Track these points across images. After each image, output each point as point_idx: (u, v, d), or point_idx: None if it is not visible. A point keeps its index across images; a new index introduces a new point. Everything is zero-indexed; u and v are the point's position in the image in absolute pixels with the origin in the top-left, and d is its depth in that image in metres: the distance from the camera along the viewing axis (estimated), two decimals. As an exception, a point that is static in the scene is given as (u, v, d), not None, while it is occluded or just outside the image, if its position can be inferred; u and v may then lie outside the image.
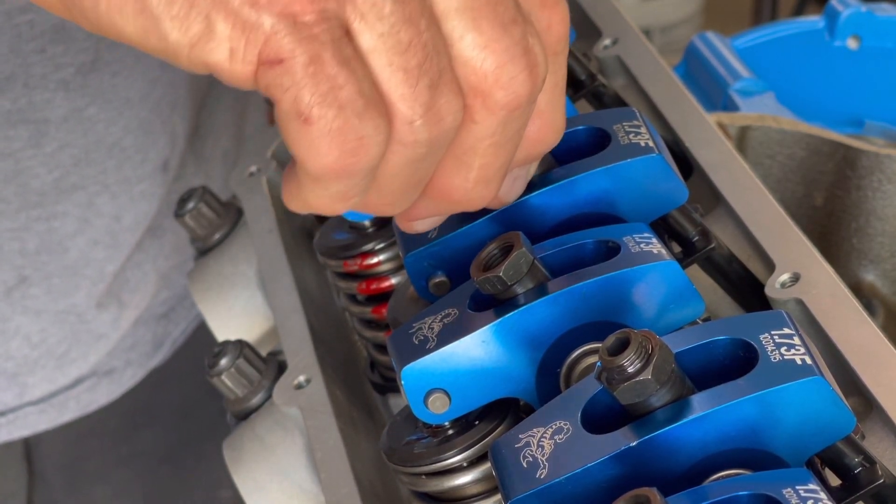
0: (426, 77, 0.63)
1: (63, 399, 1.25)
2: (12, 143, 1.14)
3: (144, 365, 1.28)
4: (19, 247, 1.18)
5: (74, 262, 1.21)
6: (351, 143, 0.62)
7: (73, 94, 1.16)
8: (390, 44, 0.62)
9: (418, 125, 0.63)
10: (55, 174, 1.17)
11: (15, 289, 1.19)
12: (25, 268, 1.18)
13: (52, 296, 1.21)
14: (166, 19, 0.63)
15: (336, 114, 0.62)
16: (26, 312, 1.20)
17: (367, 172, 0.64)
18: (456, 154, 0.67)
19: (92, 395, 1.26)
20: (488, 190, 0.69)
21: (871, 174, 1.11)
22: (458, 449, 0.71)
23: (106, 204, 1.20)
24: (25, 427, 1.24)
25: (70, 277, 1.21)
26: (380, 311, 0.90)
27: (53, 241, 1.19)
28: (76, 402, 1.25)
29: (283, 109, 0.62)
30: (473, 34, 0.64)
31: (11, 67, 1.12)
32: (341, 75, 0.61)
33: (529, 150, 0.71)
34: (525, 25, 0.65)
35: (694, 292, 0.70)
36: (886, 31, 1.30)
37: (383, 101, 0.63)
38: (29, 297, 1.20)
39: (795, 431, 0.62)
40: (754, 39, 1.33)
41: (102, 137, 1.19)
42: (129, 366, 1.28)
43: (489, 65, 0.64)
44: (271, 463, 0.88)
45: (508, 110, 0.65)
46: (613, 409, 0.64)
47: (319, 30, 0.61)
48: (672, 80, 0.91)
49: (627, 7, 2.28)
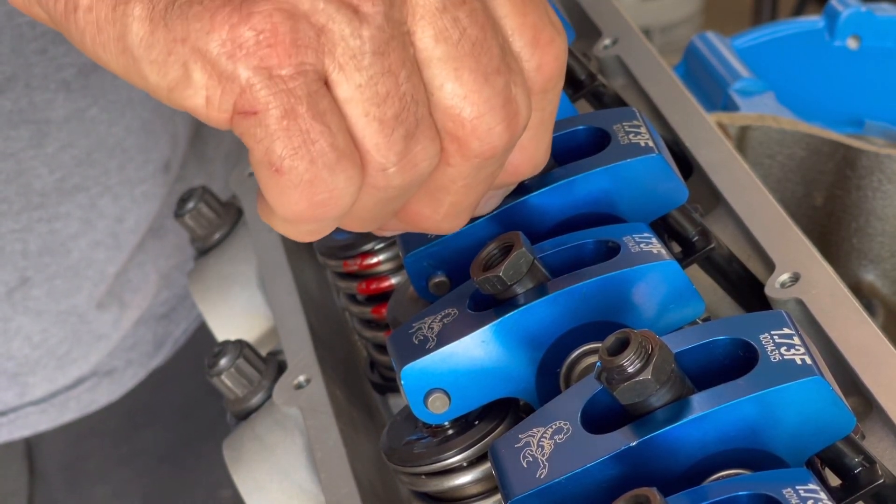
0: (402, 127, 0.63)
1: (64, 399, 1.25)
2: (14, 144, 1.15)
3: (145, 365, 1.28)
4: (21, 248, 1.18)
5: (76, 263, 1.21)
6: (321, 196, 0.63)
7: (74, 94, 1.16)
8: (367, 95, 0.62)
9: (391, 172, 0.64)
10: (57, 175, 1.17)
11: (16, 290, 1.19)
12: (27, 269, 1.19)
13: (54, 296, 1.21)
14: (145, 62, 0.63)
15: (307, 167, 0.62)
16: (27, 313, 1.20)
17: (337, 218, 0.65)
18: (429, 189, 0.68)
19: (93, 395, 1.26)
20: (457, 221, 0.70)
21: (871, 174, 1.11)
22: (457, 449, 0.71)
23: (108, 205, 1.21)
24: (26, 427, 1.24)
25: (72, 278, 1.21)
26: (380, 311, 0.90)
27: (56, 243, 1.19)
28: (77, 402, 1.25)
29: (256, 157, 0.62)
30: (454, 84, 0.64)
31: (13, 68, 1.12)
32: (314, 129, 0.61)
33: (504, 179, 0.71)
34: (509, 75, 0.65)
35: (694, 292, 0.70)
36: (886, 31, 1.30)
37: (358, 150, 0.63)
38: (30, 298, 1.20)
39: (795, 431, 0.62)
40: (754, 39, 1.33)
41: (104, 138, 1.19)
42: (130, 366, 1.28)
43: (467, 114, 0.64)
44: (271, 463, 0.88)
45: (483, 158, 0.66)
46: (613, 409, 0.64)
47: (295, 84, 0.61)
48: (672, 80, 0.91)
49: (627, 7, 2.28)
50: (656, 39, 2.85)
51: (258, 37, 0.61)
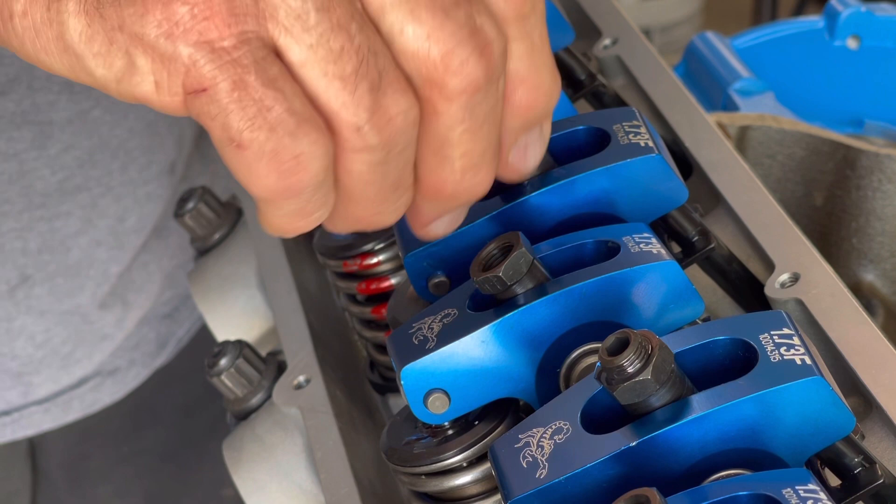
0: (365, 81, 0.61)
1: (67, 399, 1.25)
2: (17, 145, 1.15)
3: (149, 365, 1.28)
4: (21, 246, 1.18)
5: (77, 262, 1.21)
6: (287, 164, 0.61)
7: (77, 96, 1.16)
8: (321, 54, 0.61)
9: (366, 130, 0.62)
10: (59, 176, 1.17)
11: (18, 288, 1.19)
12: (27, 267, 1.19)
13: (56, 296, 1.21)
14: (89, 56, 0.62)
15: (267, 136, 0.61)
16: (30, 312, 1.20)
17: (315, 188, 0.63)
18: (433, 149, 0.66)
19: (96, 394, 1.26)
20: (481, 175, 0.67)
21: (871, 174, 1.11)
22: (457, 449, 0.71)
23: (109, 205, 1.20)
24: (30, 426, 1.24)
25: (73, 278, 1.21)
26: (380, 311, 0.90)
27: (55, 241, 1.19)
28: (80, 402, 1.25)
29: (216, 137, 0.61)
30: (413, 25, 0.62)
31: (16, 70, 1.12)
32: (268, 97, 0.60)
33: (525, 117, 0.68)
34: (469, 6, 0.63)
35: (693, 292, 0.70)
36: (886, 31, 1.30)
37: (321, 114, 0.62)
38: (33, 297, 1.20)
39: (795, 431, 0.62)
40: (754, 39, 1.33)
41: (107, 140, 1.19)
42: (134, 365, 1.28)
43: (436, 53, 0.62)
44: (271, 463, 0.88)
45: (468, 95, 0.64)
46: (613, 409, 0.64)
47: (240, 53, 0.60)
48: (672, 80, 0.91)
49: (627, 7, 2.28)
50: (656, 39, 2.85)
51: (193, 11, 0.60)
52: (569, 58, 0.91)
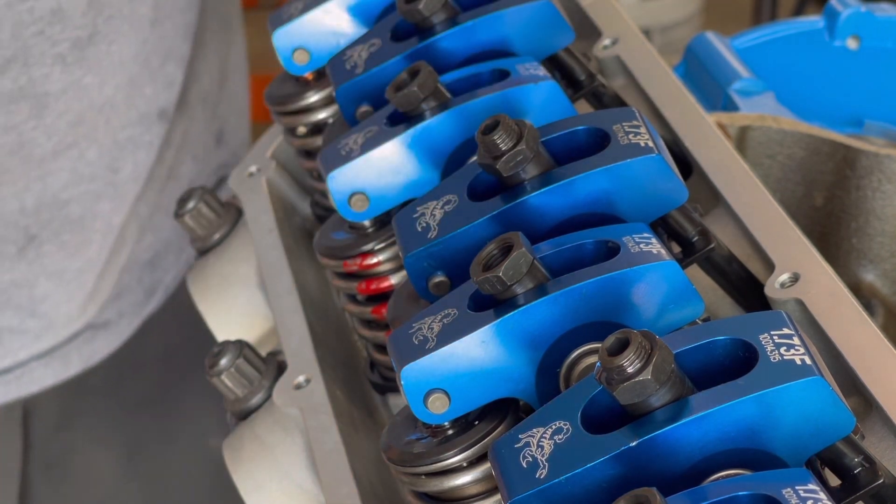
0: None
1: (66, 352, 1.29)
2: (14, 118, 1.19)
3: (139, 314, 1.33)
4: (19, 206, 1.22)
5: (80, 217, 1.25)
6: None
7: (70, 66, 1.20)
8: None
9: None
10: (53, 140, 1.21)
11: (27, 248, 1.23)
12: (31, 226, 1.23)
13: (66, 251, 1.25)
14: None
15: None
16: (43, 271, 1.25)
17: None
18: None
19: (92, 346, 1.30)
20: None
21: (870, 174, 1.11)
22: (457, 449, 0.71)
23: (97, 157, 1.24)
24: (32, 382, 1.28)
25: (79, 232, 1.25)
26: (380, 311, 0.90)
27: (48, 197, 1.23)
28: (79, 355, 1.29)
29: None
30: None
31: (12, 51, 1.16)
32: None
33: None
34: None
35: (693, 292, 0.70)
36: (886, 31, 1.30)
37: None
38: (45, 255, 1.24)
39: (795, 431, 0.62)
40: (754, 39, 1.33)
41: (95, 99, 1.23)
42: (123, 316, 1.32)
43: None
44: (271, 463, 0.88)
45: None
46: (613, 409, 0.64)
47: None
48: (672, 80, 0.91)
49: (627, 7, 2.28)
50: (656, 39, 2.85)
51: None
52: (569, 58, 0.91)
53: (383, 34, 0.92)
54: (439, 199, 0.78)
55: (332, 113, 1.01)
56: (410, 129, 0.83)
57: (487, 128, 0.75)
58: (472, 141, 0.79)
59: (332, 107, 1.01)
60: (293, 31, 0.97)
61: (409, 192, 0.84)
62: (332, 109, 1.01)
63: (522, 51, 0.89)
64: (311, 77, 1.01)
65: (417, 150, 0.84)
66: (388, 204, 0.85)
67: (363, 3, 0.97)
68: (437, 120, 0.83)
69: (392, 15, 0.93)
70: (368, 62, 0.91)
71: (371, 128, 0.86)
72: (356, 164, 0.84)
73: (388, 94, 0.84)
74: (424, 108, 0.84)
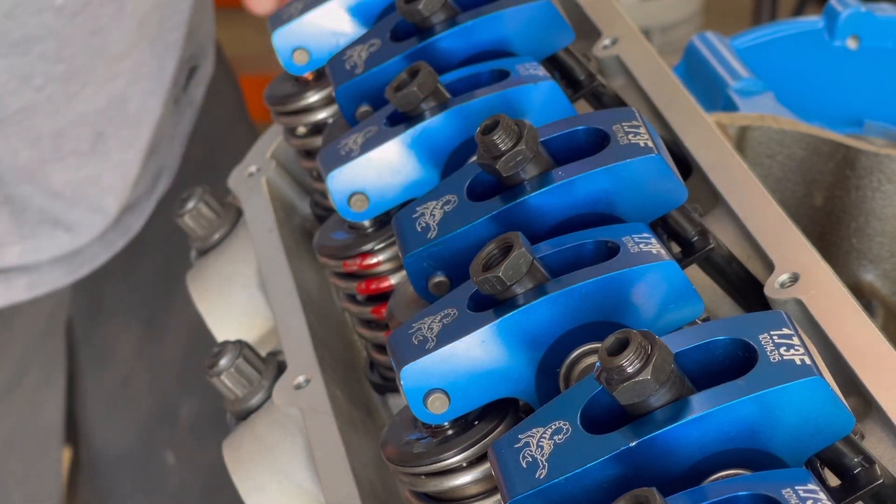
0: None
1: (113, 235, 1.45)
2: (100, 21, 1.33)
3: (150, 196, 1.47)
4: (93, 105, 1.36)
5: (135, 114, 1.40)
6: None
7: None
8: None
9: None
10: (125, 40, 1.36)
11: (97, 143, 1.37)
12: (98, 124, 1.36)
13: (124, 145, 1.39)
14: None
15: None
16: (110, 165, 1.39)
17: None
18: None
19: (126, 226, 1.45)
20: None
21: (870, 174, 1.11)
22: (457, 449, 0.71)
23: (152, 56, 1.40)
24: (85, 264, 1.43)
25: (133, 128, 1.39)
26: (380, 311, 0.90)
27: (116, 95, 1.38)
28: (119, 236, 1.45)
29: None
30: None
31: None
32: None
33: None
34: None
35: (693, 292, 0.70)
36: (886, 31, 1.30)
37: None
38: (112, 150, 1.38)
39: (795, 431, 0.62)
40: (754, 39, 1.33)
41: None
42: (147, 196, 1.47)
43: None
44: (271, 463, 0.88)
45: None
46: (613, 409, 0.64)
47: None
48: (672, 80, 0.91)
49: (627, 7, 2.28)
50: (656, 39, 2.85)
51: None
52: (569, 58, 0.92)
53: (383, 34, 0.92)
54: (439, 199, 0.78)
55: (331, 113, 1.01)
56: (410, 129, 0.84)
57: (487, 128, 0.75)
58: (472, 141, 0.79)
59: (331, 107, 1.01)
60: (293, 32, 0.97)
61: (409, 192, 0.84)
62: (332, 109, 1.01)
63: (522, 51, 0.89)
64: (311, 77, 1.02)
65: (417, 151, 0.84)
66: (387, 204, 0.85)
67: (363, 3, 0.98)
68: (436, 120, 0.83)
69: (392, 15, 0.93)
70: (368, 62, 0.91)
71: (371, 128, 0.86)
72: (356, 164, 0.84)
73: (387, 94, 0.84)
74: (424, 109, 0.84)
